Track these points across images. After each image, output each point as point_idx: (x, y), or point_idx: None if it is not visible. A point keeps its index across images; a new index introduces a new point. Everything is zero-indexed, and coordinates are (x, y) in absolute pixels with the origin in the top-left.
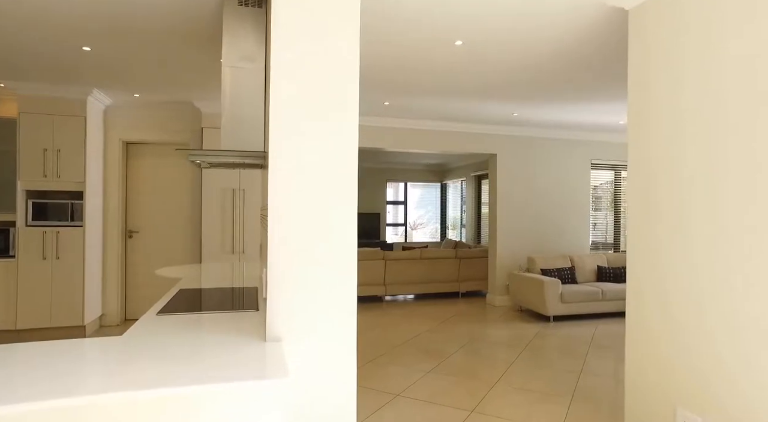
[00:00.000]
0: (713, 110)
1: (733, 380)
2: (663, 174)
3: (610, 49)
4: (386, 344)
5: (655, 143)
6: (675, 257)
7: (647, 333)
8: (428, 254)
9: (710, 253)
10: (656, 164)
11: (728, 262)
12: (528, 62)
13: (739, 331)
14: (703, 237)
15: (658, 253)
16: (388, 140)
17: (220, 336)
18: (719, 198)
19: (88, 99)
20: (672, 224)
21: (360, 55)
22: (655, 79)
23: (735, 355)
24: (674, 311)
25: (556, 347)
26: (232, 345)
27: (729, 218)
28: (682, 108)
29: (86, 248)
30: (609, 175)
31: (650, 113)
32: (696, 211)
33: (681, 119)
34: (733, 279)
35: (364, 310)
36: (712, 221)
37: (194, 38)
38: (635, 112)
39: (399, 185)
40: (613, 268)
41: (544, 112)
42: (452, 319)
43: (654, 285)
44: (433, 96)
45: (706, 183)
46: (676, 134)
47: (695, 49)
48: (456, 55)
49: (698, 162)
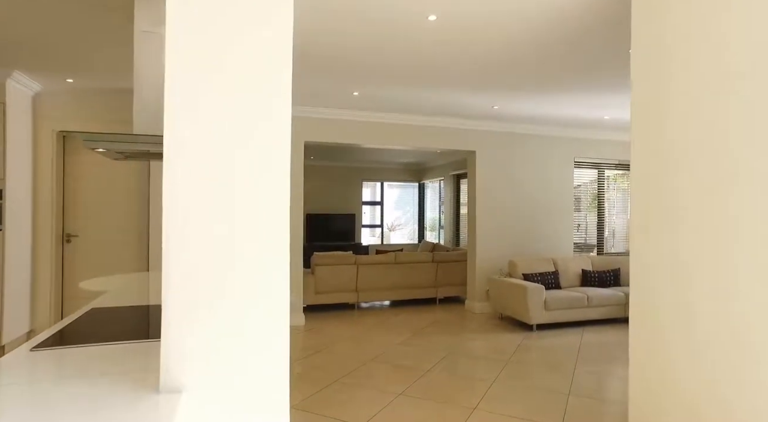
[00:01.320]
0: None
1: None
2: (677, 167)
3: (598, 28)
4: (354, 359)
5: (667, 130)
6: (694, 263)
7: (658, 352)
8: (403, 258)
9: (732, 258)
10: (668, 157)
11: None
12: (509, 40)
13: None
14: (724, 241)
15: (677, 259)
16: (359, 135)
17: (99, 385)
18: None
19: (8, 83)
20: (692, 224)
21: (323, 32)
22: (667, 54)
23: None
24: (698, 331)
25: (540, 361)
26: (107, 401)
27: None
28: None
29: (6, 254)
30: (592, 174)
31: (662, 97)
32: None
33: (698, 100)
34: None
35: (334, 319)
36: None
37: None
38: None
39: (376, 185)
40: (598, 272)
41: (525, 105)
42: (429, 329)
43: (675, 301)
44: (405, 85)
45: (732, 177)
46: (689, 120)
47: (713, 15)
48: (429, 33)
49: (720, 153)
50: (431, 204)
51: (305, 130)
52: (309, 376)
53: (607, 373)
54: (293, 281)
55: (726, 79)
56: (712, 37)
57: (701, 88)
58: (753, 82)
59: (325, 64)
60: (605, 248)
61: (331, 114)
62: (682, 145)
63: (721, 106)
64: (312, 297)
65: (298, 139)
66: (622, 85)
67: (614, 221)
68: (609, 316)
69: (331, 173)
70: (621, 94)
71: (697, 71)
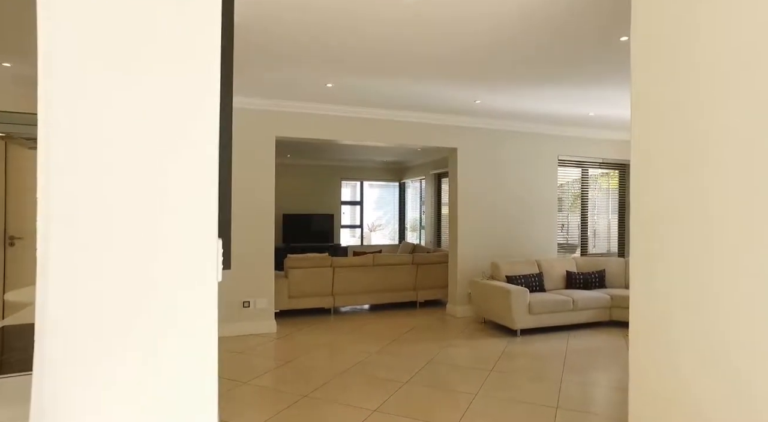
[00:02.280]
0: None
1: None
2: (684, 162)
3: (587, 13)
4: (327, 371)
5: (669, 117)
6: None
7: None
8: (382, 260)
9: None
10: (673, 150)
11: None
12: (491, 23)
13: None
14: (739, 244)
15: (684, 262)
16: (335, 130)
17: None
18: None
19: None
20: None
21: (287, 7)
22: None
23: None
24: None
25: (525, 370)
26: None
27: None
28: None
29: None
30: (575, 172)
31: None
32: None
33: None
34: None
35: (308, 326)
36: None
37: None
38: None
39: (355, 185)
40: (583, 273)
41: (508, 98)
42: (408, 335)
43: (684, 305)
44: (382, 76)
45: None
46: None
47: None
48: (406, 12)
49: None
50: (412, 204)
51: (276, 124)
52: (277, 391)
53: (596, 383)
54: (265, 285)
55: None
56: (719, 22)
57: (709, 76)
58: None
59: (293, 49)
60: (590, 248)
61: (304, 108)
62: (689, 137)
63: (734, 95)
64: (285, 302)
65: (269, 134)
66: (608, 79)
67: (596, 221)
68: (595, 320)
69: (309, 171)
70: (607, 90)
71: (703, 60)
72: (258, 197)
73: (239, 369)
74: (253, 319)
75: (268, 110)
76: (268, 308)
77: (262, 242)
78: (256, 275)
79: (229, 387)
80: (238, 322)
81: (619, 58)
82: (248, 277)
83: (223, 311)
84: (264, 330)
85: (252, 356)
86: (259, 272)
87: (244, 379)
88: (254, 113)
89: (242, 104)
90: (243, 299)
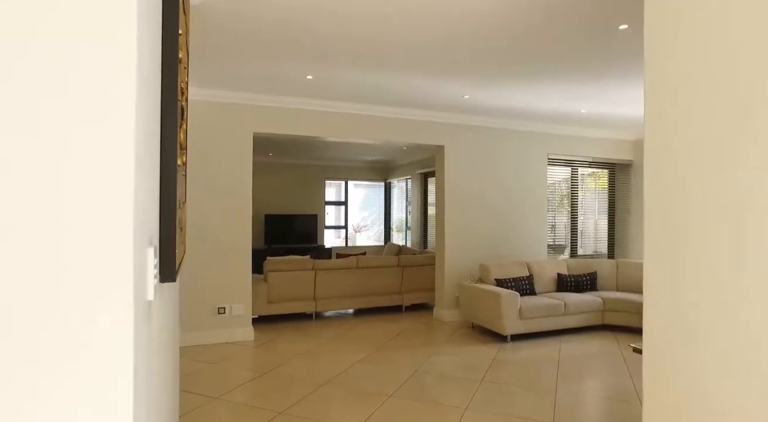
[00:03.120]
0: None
1: None
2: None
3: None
4: (307, 383)
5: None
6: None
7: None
8: (366, 263)
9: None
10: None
11: None
12: (476, 8)
13: None
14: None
15: (714, 266)
16: (317, 127)
17: None
18: None
19: None
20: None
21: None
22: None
23: None
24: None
25: (518, 380)
26: None
27: None
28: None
29: None
30: (565, 172)
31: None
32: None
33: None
34: None
35: (288, 332)
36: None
37: None
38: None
39: (340, 184)
40: (574, 276)
41: (497, 93)
42: (393, 342)
43: (707, 308)
44: (364, 67)
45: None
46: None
47: None
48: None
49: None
50: (398, 204)
51: (254, 120)
52: (250, 407)
53: (593, 393)
54: (242, 289)
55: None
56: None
57: (751, 61)
58: None
59: (269, 35)
60: (580, 249)
61: (284, 102)
62: (721, 133)
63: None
64: (264, 307)
65: (246, 130)
66: (603, 71)
67: (583, 221)
68: (587, 324)
69: (292, 170)
70: (600, 82)
71: (742, 41)
72: (235, 196)
73: (210, 382)
74: (228, 326)
75: (245, 104)
76: (245, 314)
77: (238, 244)
78: (233, 279)
79: (197, 403)
80: (212, 330)
81: (619, 48)
82: (224, 281)
83: (195, 319)
84: (240, 338)
85: (226, 367)
86: (236, 276)
87: (215, 394)
88: (230, 107)
89: (216, 97)
90: (218, 305)
